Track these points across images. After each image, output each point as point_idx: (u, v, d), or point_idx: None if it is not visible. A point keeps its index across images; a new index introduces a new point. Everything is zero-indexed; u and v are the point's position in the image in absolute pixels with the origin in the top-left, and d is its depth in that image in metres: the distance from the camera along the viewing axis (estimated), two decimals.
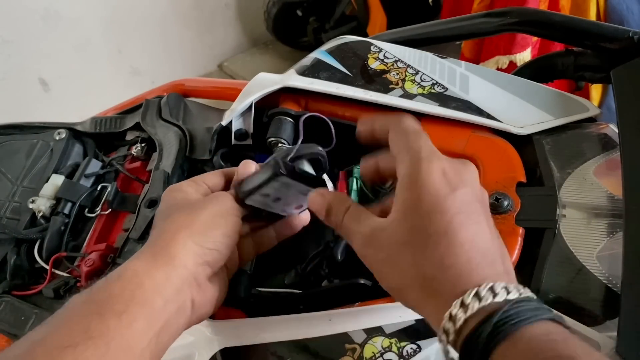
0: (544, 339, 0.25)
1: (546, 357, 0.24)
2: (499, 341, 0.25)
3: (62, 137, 0.68)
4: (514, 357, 0.25)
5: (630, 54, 0.51)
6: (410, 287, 0.30)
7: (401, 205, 0.31)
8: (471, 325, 0.26)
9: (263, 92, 0.56)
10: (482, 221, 0.30)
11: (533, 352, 0.24)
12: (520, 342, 0.25)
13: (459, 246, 0.28)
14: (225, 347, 0.41)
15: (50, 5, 1.70)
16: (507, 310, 0.26)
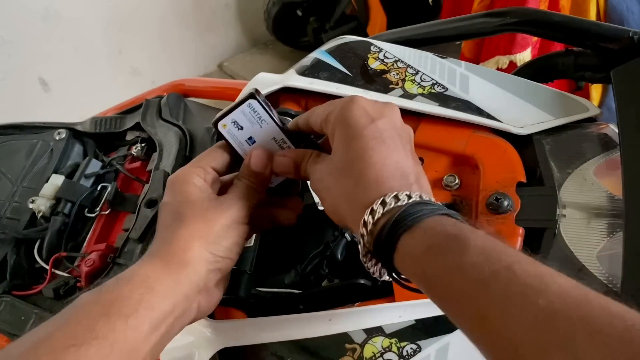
0: (436, 227, 0.30)
1: (437, 239, 0.29)
2: (400, 234, 0.30)
3: (62, 137, 0.68)
4: (413, 245, 0.30)
5: (630, 54, 0.51)
6: (340, 206, 0.35)
7: (335, 141, 0.36)
8: (379, 226, 0.31)
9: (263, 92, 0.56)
10: (397, 146, 0.35)
11: (427, 237, 0.30)
12: (417, 232, 0.30)
13: (371, 166, 0.33)
14: (225, 347, 0.41)
15: (50, 6, 1.70)
16: (406, 209, 0.31)
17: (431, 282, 0.30)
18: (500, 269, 0.26)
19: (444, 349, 0.37)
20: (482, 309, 0.26)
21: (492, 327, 0.25)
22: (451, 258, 0.28)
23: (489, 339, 0.26)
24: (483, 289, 0.26)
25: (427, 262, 0.29)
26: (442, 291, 0.29)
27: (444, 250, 0.29)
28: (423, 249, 0.29)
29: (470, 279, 0.27)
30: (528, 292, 0.24)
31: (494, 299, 0.25)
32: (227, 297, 0.44)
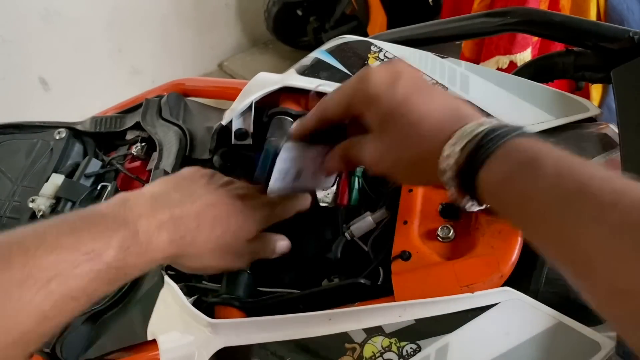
0: (512, 152, 0.31)
1: (513, 165, 0.30)
2: (479, 165, 0.31)
3: (62, 137, 0.68)
4: (491, 174, 0.31)
5: (630, 54, 0.51)
6: (417, 168, 0.36)
7: (370, 119, 0.37)
8: (465, 153, 0.32)
9: (263, 92, 0.56)
10: (430, 89, 0.37)
11: (504, 164, 0.31)
12: (493, 162, 0.31)
13: (424, 118, 0.35)
14: (225, 346, 0.41)
15: (50, 5, 1.70)
16: (480, 140, 0.32)
17: (510, 209, 0.31)
18: (574, 188, 0.27)
19: (444, 349, 0.37)
20: (558, 229, 0.27)
21: (568, 243, 0.27)
22: (525, 184, 0.29)
23: (566, 255, 0.27)
24: (558, 211, 0.27)
25: (505, 190, 0.30)
26: (520, 216, 0.31)
27: (518, 177, 0.30)
28: (500, 178, 0.31)
29: (546, 202, 0.28)
30: (602, 207, 0.25)
31: (569, 218, 0.26)
32: (227, 297, 0.45)
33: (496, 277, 0.38)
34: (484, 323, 0.37)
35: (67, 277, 0.32)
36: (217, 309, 0.45)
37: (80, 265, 0.32)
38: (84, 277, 0.32)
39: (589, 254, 0.25)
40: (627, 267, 0.23)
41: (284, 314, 0.41)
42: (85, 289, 0.33)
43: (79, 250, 0.33)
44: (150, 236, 0.37)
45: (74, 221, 0.35)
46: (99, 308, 0.51)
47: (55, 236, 0.33)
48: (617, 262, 0.24)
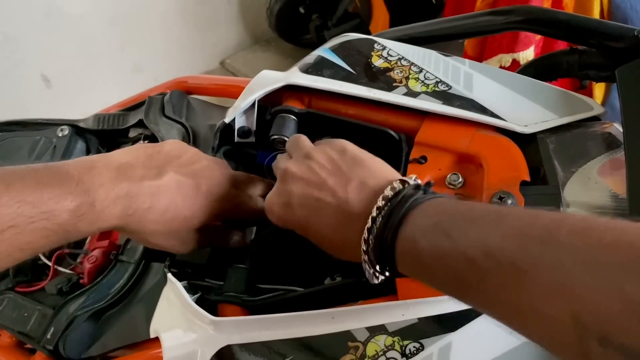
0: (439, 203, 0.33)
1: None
2: (404, 215, 0.33)
3: (64, 134, 0.68)
4: (420, 219, 0.32)
5: (635, 53, 0.51)
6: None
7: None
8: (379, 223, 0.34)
9: (266, 90, 0.56)
10: (316, 207, 0.40)
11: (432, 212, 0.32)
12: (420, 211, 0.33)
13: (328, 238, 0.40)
14: (227, 344, 0.41)
15: (53, 2, 1.70)
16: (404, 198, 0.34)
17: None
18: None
19: (447, 348, 0.37)
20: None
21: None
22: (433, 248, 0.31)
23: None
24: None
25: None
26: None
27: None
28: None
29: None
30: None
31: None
32: (229, 295, 0.45)
33: None
34: (487, 322, 0.37)
35: (22, 230, 0.34)
36: (220, 307, 0.45)
37: (36, 222, 0.34)
38: (36, 233, 0.35)
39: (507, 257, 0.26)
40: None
41: (286, 312, 0.41)
42: (34, 244, 0.35)
43: (38, 208, 0.35)
44: (104, 207, 0.38)
45: (40, 175, 0.36)
46: (101, 306, 0.51)
47: (20, 188, 0.35)
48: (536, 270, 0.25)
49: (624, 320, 0.21)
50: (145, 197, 0.41)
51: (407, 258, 0.33)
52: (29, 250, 0.35)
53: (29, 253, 0.36)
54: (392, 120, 0.53)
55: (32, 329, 0.52)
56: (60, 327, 0.50)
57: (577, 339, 0.23)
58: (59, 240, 0.37)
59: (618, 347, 0.21)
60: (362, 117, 0.54)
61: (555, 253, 0.24)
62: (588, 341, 0.22)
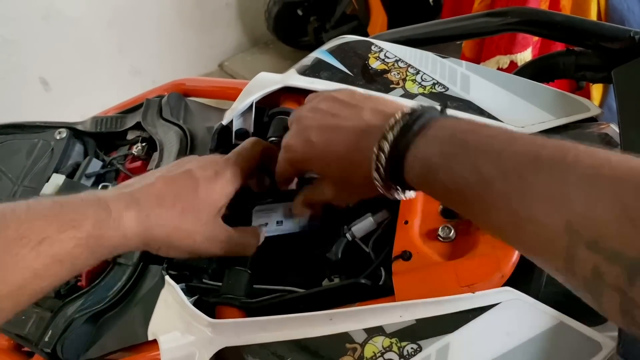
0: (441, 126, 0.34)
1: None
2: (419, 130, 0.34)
3: (62, 137, 0.68)
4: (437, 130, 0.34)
5: (631, 54, 0.51)
6: (360, 186, 0.40)
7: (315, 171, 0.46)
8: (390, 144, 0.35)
9: (264, 92, 0.56)
10: (334, 123, 0.41)
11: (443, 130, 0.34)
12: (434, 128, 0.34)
13: (342, 152, 0.40)
14: (225, 346, 0.41)
15: (51, 5, 1.70)
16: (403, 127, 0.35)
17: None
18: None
19: (445, 349, 0.37)
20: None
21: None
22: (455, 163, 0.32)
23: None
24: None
25: (437, 170, 0.33)
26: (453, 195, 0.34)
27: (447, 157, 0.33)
28: (430, 158, 0.34)
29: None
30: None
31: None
32: (227, 297, 0.45)
33: (497, 277, 0.38)
34: (484, 323, 0.37)
35: (54, 240, 0.35)
36: (217, 309, 0.45)
37: (65, 231, 0.36)
38: (69, 242, 0.36)
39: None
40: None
41: (284, 314, 0.41)
42: (70, 254, 0.36)
43: (63, 219, 0.36)
44: (120, 213, 0.39)
45: (54, 199, 0.38)
46: (99, 308, 0.51)
47: (41, 208, 0.36)
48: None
49: (618, 226, 0.23)
50: (150, 197, 0.42)
51: (418, 167, 0.34)
52: (68, 262, 0.36)
53: (69, 265, 0.36)
54: None
55: (29, 332, 0.52)
56: (58, 329, 0.50)
57: (566, 244, 0.25)
58: (92, 249, 0.37)
59: (607, 251, 0.23)
60: None
61: (561, 168, 0.26)
62: (577, 245, 0.24)
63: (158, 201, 0.42)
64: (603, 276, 0.23)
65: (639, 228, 0.22)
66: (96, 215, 0.38)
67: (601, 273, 0.23)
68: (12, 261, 0.33)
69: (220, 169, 0.45)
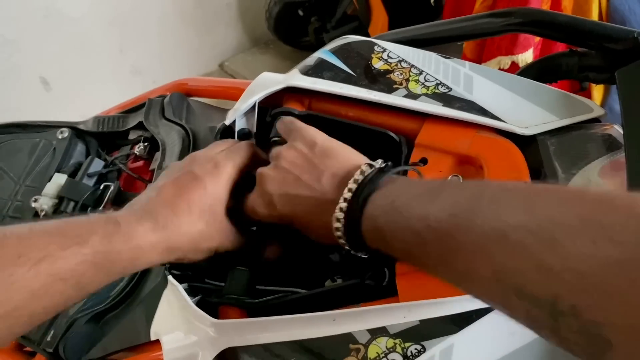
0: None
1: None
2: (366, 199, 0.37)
3: (64, 136, 0.68)
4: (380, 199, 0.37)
5: (634, 55, 0.51)
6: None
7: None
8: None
9: (266, 92, 0.56)
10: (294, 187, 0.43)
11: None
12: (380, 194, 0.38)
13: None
14: (228, 347, 0.41)
15: (52, 4, 1.70)
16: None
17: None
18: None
19: (449, 350, 0.37)
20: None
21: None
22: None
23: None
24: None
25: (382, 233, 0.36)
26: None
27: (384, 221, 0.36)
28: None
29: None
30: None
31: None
32: (230, 297, 0.45)
33: None
34: (488, 324, 0.37)
35: (56, 258, 0.34)
36: (220, 309, 0.45)
37: (68, 247, 0.35)
38: (72, 259, 0.35)
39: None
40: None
41: (287, 314, 0.41)
42: (74, 271, 0.35)
43: (67, 235, 0.35)
44: (131, 226, 0.39)
45: (58, 220, 0.38)
46: (101, 308, 0.51)
47: (43, 226, 0.36)
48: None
49: (533, 274, 0.24)
50: (162, 206, 0.42)
51: (371, 234, 0.37)
52: (72, 280, 0.35)
53: (73, 283, 0.35)
54: (392, 122, 0.53)
55: (31, 332, 0.52)
56: (60, 329, 0.50)
57: (500, 292, 0.26)
58: (99, 265, 0.36)
59: (529, 297, 0.24)
60: (363, 119, 0.54)
61: (477, 219, 0.28)
62: (508, 294, 0.25)
63: (173, 210, 0.41)
64: (537, 320, 0.24)
65: (546, 272, 0.23)
66: (104, 230, 0.37)
67: (534, 317, 0.25)
68: (8, 281, 0.32)
69: (220, 161, 0.46)
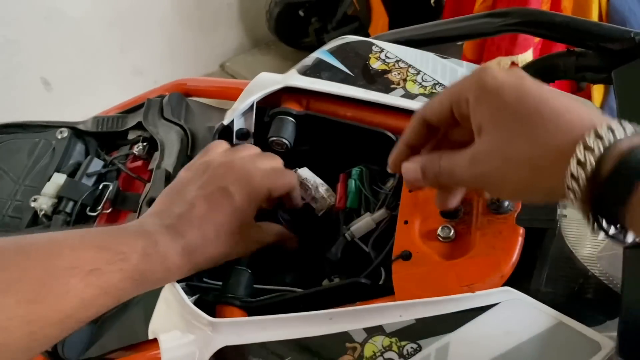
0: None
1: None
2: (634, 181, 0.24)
3: (64, 136, 0.68)
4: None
5: (631, 55, 0.52)
6: (526, 180, 0.29)
7: (483, 119, 0.31)
8: (608, 165, 0.25)
9: (265, 92, 0.56)
10: (556, 92, 0.31)
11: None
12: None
13: (553, 113, 0.28)
14: (225, 345, 0.41)
15: (53, 5, 1.71)
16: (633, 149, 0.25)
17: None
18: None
19: (444, 348, 0.37)
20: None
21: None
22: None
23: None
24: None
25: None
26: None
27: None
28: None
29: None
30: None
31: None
32: (228, 296, 0.45)
33: (497, 277, 0.38)
34: (484, 323, 0.37)
35: (103, 272, 0.36)
36: (218, 308, 0.45)
37: (114, 263, 0.37)
38: (116, 274, 0.37)
39: None
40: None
41: (285, 313, 0.41)
42: (116, 286, 0.37)
43: (113, 250, 0.37)
44: (167, 247, 0.41)
45: (103, 230, 0.40)
46: None
47: (92, 238, 0.38)
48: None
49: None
50: (191, 229, 0.42)
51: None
52: (113, 293, 0.37)
53: (113, 296, 0.37)
54: (389, 122, 0.53)
55: None
56: None
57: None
58: (136, 282, 0.39)
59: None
60: (360, 119, 0.54)
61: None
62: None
63: (202, 234, 0.43)
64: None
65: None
66: (144, 250, 0.39)
67: None
68: (63, 290, 0.34)
69: (257, 183, 0.46)
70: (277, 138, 0.54)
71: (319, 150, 0.58)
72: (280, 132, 0.54)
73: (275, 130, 0.54)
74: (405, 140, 0.38)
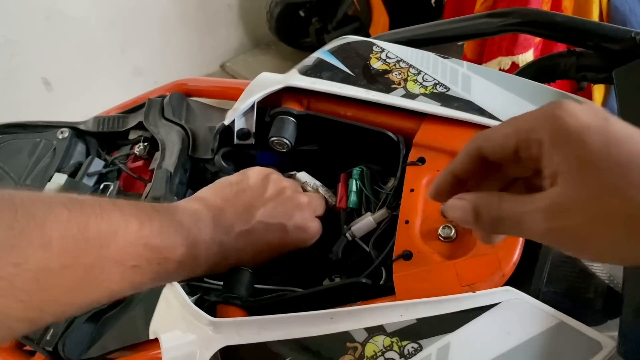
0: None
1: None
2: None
3: (65, 136, 0.68)
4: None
5: (632, 55, 0.51)
6: (623, 237, 0.24)
7: (562, 166, 0.26)
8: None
9: (265, 92, 0.56)
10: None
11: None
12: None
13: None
14: (226, 345, 0.41)
15: (53, 5, 1.71)
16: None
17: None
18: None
19: (445, 348, 0.37)
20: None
21: None
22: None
23: None
24: None
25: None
26: None
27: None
28: None
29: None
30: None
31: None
32: (228, 296, 0.45)
33: (498, 276, 0.38)
34: (485, 322, 0.37)
35: (141, 270, 0.37)
36: (218, 308, 0.45)
37: (153, 264, 0.38)
38: (150, 274, 0.38)
39: None
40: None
41: (285, 313, 0.41)
42: (144, 284, 0.38)
43: (158, 251, 0.38)
44: (203, 261, 0.43)
45: (162, 219, 0.40)
46: (101, 307, 0.51)
47: (149, 230, 0.38)
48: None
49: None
50: (233, 252, 0.45)
51: None
52: (136, 288, 0.38)
53: (133, 290, 0.38)
54: (390, 122, 0.53)
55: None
56: (60, 328, 0.50)
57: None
58: (161, 281, 0.41)
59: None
60: (361, 119, 0.54)
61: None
62: None
63: (238, 255, 0.45)
64: None
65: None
66: (182, 261, 0.40)
67: None
68: (100, 279, 0.35)
69: (310, 234, 0.49)
70: (277, 138, 0.54)
71: (320, 150, 0.58)
72: (281, 132, 0.54)
73: (276, 130, 0.54)
74: (452, 170, 0.32)
